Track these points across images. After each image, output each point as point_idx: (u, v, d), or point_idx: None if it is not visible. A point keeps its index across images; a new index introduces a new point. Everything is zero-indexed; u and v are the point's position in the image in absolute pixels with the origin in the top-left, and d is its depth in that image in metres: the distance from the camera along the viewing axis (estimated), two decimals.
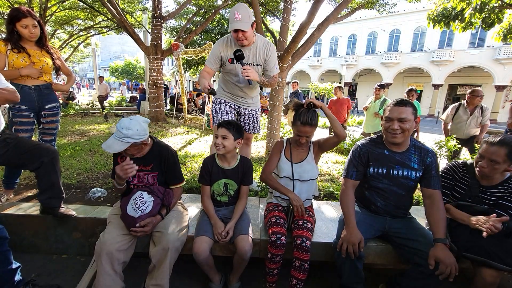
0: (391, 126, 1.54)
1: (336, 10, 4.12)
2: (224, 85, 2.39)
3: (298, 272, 1.54)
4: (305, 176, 1.76)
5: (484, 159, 1.54)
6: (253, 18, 1.98)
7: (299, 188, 1.78)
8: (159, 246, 1.49)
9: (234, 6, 1.95)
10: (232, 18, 1.92)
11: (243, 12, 1.91)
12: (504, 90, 19.72)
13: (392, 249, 1.71)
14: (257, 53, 2.17)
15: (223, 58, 2.20)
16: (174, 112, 9.46)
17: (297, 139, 1.72)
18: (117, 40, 47.99)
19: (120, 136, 1.47)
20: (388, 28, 24.74)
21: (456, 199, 1.70)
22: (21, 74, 2.07)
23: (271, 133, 4.43)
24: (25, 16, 2.01)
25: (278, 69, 2.32)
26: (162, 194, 1.64)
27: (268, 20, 9.45)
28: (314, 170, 1.79)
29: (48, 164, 1.81)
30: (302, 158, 1.80)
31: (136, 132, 1.49)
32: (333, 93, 6.12)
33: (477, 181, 1.63)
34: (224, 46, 2.17)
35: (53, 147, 1.93)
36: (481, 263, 1.47)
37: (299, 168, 1.78)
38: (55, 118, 2.37)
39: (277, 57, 2.25)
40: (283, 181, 1.79)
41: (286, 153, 1.83)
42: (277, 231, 1.58)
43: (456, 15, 5.72)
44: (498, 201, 1.57)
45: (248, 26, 1.95)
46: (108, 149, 1.47)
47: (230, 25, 1.95)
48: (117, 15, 6.74)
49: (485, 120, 3.67)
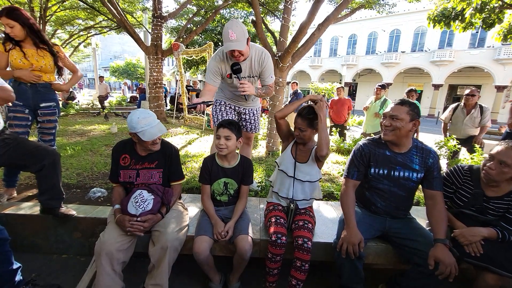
0: (384, 122, 1.58)
1: (336, 10, 4.12)
2: (223, 91, 2.39)
3: (298, 272, 1.54)
4: (303, 177, 1.78)
5: (494, 160, 1.47)
6: (247, 34, 1.92)
7: (296, 186, 1.79)
8: (158, 245, 1.49)
9: (227, 24, 1.88)
10: (227, 37, 1.85)
11: (237, 30, 1.84)
12: (504, 90, 19.69)
13: (392, 249, 1.71)
14: (252, 65, 2.13)
15: (222, 73, 2.15)
16: (174, 112, 9.47)
17: (294, 132, 1.79)
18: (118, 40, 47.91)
19: (155, 123, 1.60)
20: (388, 28, 24.73)
21: (457, 206, 1.66)
22: (13, 76, 2.07)
23: (271, 133, 4.44)
24: (1, 15, 1.98)
25: (274, 77, 2.28)
26: (161, 192, 1.65)
27: (268, 20, 9.43)
28: (314, 174, 1.79)
29: (49, 166, 1.81)
30: (305, 160, 1.81)
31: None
32: (334, 93, 6.13)
33: (481, 191, 1.57)
34: (220, 62, 2.11)
35: (54, 149, 1.93)
36: (483, 268, 1.46)
37: (300, 167, 1.79)
38: (52, 117, 2.34)
39: (272, 66, 2.21)
40: (280, 175, 1.84)
41: (292, 149, 1.85)
42: (278, 231, 1.58)
43: (456, 15, 5.71)
44: (504, 213, 1.52)
45: (244, 44, 1.89)
46: (159, 133, 1.58)
47: (225, 45, 1.89)
48: (118, 15, 6.73)
49: (485, 121, 3.65)
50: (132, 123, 1.54)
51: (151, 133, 1.54)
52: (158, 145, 1.67)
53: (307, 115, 1.70)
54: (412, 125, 1.53)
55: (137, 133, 1.53)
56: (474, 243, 1.49)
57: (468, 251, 1.49)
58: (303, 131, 1.72)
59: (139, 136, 1.53)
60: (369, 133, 5.06)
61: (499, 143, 1.53)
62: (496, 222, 1.52)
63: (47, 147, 1.90)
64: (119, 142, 1.77)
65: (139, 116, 1.55)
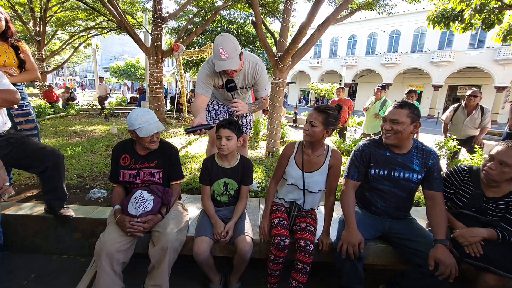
0: (384, 126, 1.58)
1: (336, 11, 4.13)
2: (214, 94, 2.32)
3: (300, 274, 1.54)
4: (314, 188, 1.70)
5: (494, 160, 1.46)
6: (239, 48, 1.77)
7: (307, 198, 1.75)
8: (158, 246, 1.49)
9: (217, 40, 1.71)
10: (218, 55, 1.70)
11: (229, 48, 1.68)
12: (504, 91, 19.71)
13: (392, 249, 1.71)
14: (246, 77, 2.03)
15: (214, 84, 2.05)
16: (174, 113, 9.47)
17: (304, 127, 1.67)
18: (118, 40, 47.96)
19: (154, 120, 1.63)
20: (388, 29, 24.76)
21: (457, 207, 1.66)
22: None
23: (271, 133, 4.44)
24: None
25: (268, 90, 2.18)
26: (161, 192, 1.65)
27: (268, 21, 9.46)
28: (323, 182, 1.71)
29: (52, 168, 1.81)
30: (315, 168, 1.69)
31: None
32: (334, 94, 6.14)
33: (481, 191, 1.56)
34: (212, 74, 1.96)
35: (57, 151, 1.91)
36: (483, 269, 1.46)
37: (309, 178, 1.69)
38: (28, 117, 2.23)
39: (266, 78, 2.08)
40: (290, 188, 1.76)
41: (297, 159, 1.73)
42: (281, 233, 1.56)
43: (456, 16, 5.71)
44: (504, 214, 1.51)
45: (237, 62, 1.75)
46: (156, 130, 1.61)
47: (217, 63, 1.74)
48: (118, 15, 6.74)
49: (486, 122, 3.65)
50: (131, 119, 1.58)
51: (148, 130, 1.57)
52: (156, 143, 1.69)
53: (325, 109, 1.60)
54: (413, 127, 1.52)
55: (135, 130, 1.57)
56: (474, 244, 1.49)
57: (468, 252, 1.49)
58: (314, 126, 1.59)
59: (137, 133, 1.56)
60: (369, 133, 5.06)
61: (498, 143, 1.53)
62: (497, 223, 1.52)
63: (51, 148, 1.88)
64: (119, 142, 1.78)
65: (138, 113, 1.59)
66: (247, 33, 13.69)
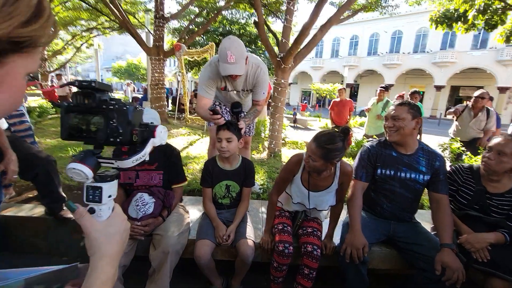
0: (387, 124, 1.61)
1: (338, 12, 4.10)
2: (217, 96, 2.28)
3: (306, 280, 1.51)
4: (323, 206, 1.63)
5: (492, 151, 1.51)
6: (245, 52, 1.76)
7: (314, 214, 1.72)
8: (159, 249, 1.47)
9: (225, 42, 1.68)
10: (225, 58, 1.67)
11: (237, 52, 1.67)
12: (507, 91, 19.60)
13: (396, 253, 1.69)
14: (247, 80, 2.03)
15: (217, 86, 2.05)
16: (176, 113, 9.46)
17: (304, 158, 1.51)
18: (120, 40, 48.00)
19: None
20: (390, 29, 24.71)
21: (461, 205, 1.66)
22: None
23: (273, 134, 4.42)
24: None
25: (266, 94, 2.13)
26: (162, 195, 1.63)
27: (270, 21, 9.43)
28: (333, 199, 1.62)
29: (42, 175, 1.77)
30: (323, 186, 1.58)
31: None
32: (336, 95, 6.11)
33: (483, 187, 1.58)
34: (215, 74, 1.94)
35: (47, 157, 1.83)
36: (491, 274, 1.44)
37: (317, 197, 1.60)
38: (21, 118, 2.22)
39: (267, 82, 2.06)
40: (296, 206, 1.70)
41: (303, 177, 1.61)
42: (285, 240, 1.53)
43: (458, 17, 5.68)
44: (508, 212, 1.51)
45: (243, 67, 1.75)
46: None
47: (223, 66, 1.71)
48: (120, 16, 6.74)
49: (490, 125, 3.61)
50: None
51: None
52: None
53: (325, 144, 1.39)
54: (415, 123, 1.55)
55: None
56: (481, 249, 1.46)
57: (475, 257, 1.46)
58: (314, 161, 1.43)
59: None
60: (371, 134, 5.03)
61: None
62: (503, 223, 1.50)
63: (40, 154, 1.81)
64: None
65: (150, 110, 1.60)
66: (248, 34, 13.68)
